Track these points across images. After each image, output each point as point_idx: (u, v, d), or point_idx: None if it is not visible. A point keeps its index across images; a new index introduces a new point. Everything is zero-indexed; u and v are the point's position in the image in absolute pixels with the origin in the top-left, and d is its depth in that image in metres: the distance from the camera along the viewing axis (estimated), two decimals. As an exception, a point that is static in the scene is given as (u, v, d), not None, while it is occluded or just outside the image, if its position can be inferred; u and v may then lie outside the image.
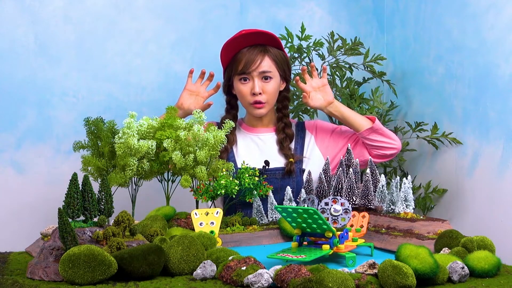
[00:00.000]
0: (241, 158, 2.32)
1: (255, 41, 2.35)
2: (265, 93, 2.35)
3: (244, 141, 2.42)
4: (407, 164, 2.91)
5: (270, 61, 2.35)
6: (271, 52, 2.35)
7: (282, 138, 2.40)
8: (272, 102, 2.39)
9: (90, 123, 2.00)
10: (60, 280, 1.46)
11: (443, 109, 2.69)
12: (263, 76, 2.34)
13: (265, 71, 2.33)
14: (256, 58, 2.33)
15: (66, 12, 2.72)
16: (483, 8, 2.47)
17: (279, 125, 2.42)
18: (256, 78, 2.34)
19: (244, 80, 2.35)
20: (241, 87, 2.36)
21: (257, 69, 2.33)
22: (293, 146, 2.41)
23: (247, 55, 2.33)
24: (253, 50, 2.34)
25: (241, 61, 2.33)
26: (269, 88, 2.35)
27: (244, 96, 2.37)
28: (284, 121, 2.42)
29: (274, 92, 2.37)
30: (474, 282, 1.47)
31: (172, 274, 1.50)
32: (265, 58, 2.34)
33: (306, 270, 1.41)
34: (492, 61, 2.42)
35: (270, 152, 2.38)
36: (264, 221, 2.00)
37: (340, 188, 2.00)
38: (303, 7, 3.06)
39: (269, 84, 2.35)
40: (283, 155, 2.38)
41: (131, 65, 2.81)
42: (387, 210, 1.93)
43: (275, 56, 2.36)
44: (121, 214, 1.56)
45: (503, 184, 2.37)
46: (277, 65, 2.36)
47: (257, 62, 2.32)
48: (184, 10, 2.89)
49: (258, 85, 2.33)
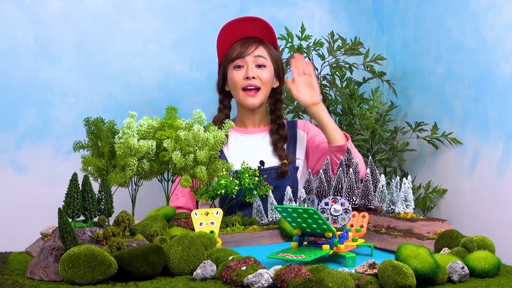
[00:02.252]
0: (232, 159, 2.31)
1: (251, 33, 2.38)
2: (259, 79, 2.35)
3: (235, 142, 2.42)
4: (407, 164, 2.91)
5: (265, 51, 2.37)
6: (266, 45, 2.40)
7: (276, 139, 2.40)
8: (265, 92, 2.39)
9: (90, 123, 2.00)
10: (60, 280, 1.46)
11: (443, 109, 2.70)
12: (257, 64, 2.36)
13: (260, 55, 2.35)
14: (251, 45, 2.36)
15: (66, 12, 2.72)
16: (483, 8, 2.47)
17: (273, 126, 2.43)
18: (250, 63, 2.35)
19: (238, 67, 2.37)
20: (234, 73, 2.37)
21: (252, 53, 2.35)
22: (285, 146, 2.42)
23: (242, 43, 2.37)
24: (248, 40, 2.39)
25: (236, 48, 2.37)
26: (263, 76, 2.36)
27: (237, 81, 2.37)
28: (278, 122, 2.43)
29: (267, 81, 2.37)
30: (474, 282, 1.47)
31: (172, 274, 1.50)
32: (260, 46, 2.37)
33: (306, 270, 1.41)
34: (492, 61, 2.42)
35: (262, 153, 2.38)
36: (264, 221, 2.00)
37: (340, 188, 2.00)
38: (303, 7, 3.06)
39: (263, 71, 2.36)
40: (277, 156, 2.39)
41: (131, 65, 2.81)
42: (387, 210, 1.92)
43: (269, 49, 2.40)
44: (121, 214, 1.56)
45: (503, 184, 2.37)
46: (272, 58, 2.38)
47: (252, 48, 2.35)
48: (184, 10, 2.89)
49: (252, 69, 2.34)
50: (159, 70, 2.86)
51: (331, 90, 2.86)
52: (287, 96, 2.75)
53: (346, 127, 2.82)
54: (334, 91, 2.84)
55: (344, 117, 2.84)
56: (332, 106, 2.85)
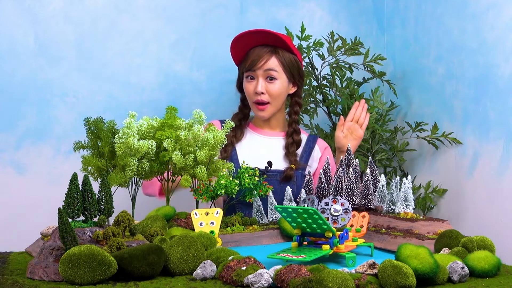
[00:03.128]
0: (243, 157, 2.32)
1: (267, 41, 2.36)
2: (268, 94, 2.36)
3: (250, 140, 2.43)
4: (407, 164, 2.91)
5: (277, 61, 2.35)
6: (280, 53, 2.36)
7: (289, 143, 2.41)
8: (276, 104, 2.39)
9: (90, 123, 2.00)
10: (60, 280, 1.46)
11: (443, 109, 2.70)
12: (267, 76, 2.35)
13: (270, 69, 2.34)
14: (263, 57, 2.34)
15: (66, 12, 2.72)
16: (483, 8, 2.47)
17: (289, 130, 2.43)
18: (260, 77, 2.35)
19: (251, 78, 2.37)
20: (247, 85, 2.39)
21: (262, 67, 2.34)
22: (299, 153, 2.42)
23: (255, 53, 2.36)
24: (262, 49, 2.37)
25: (249, 58, 2.36)
26: (273, 89, 2.36)
27: (249, 94, 2.39)
28: (294, 127, 2.43)
29: (277, 94, 2.37)
30: (474, 282, 1.47)
31: (172, 274, 1.50)
32: (271, 58, 2.35)
33: (306, 270, 1.41)
34: (492, 61, 2.42)
35: (273, 155, 2.38)
36: (264, 221, 2.00)
37: (340, 188, 2.00)
38: (303, 7, 3.06)
39: (273, 85, 2.36)
40: (287, 160, 2.39)
41: (131, 65, 2.81)
42: (387, 210, 1.93)
43: (283, 57, 2.36)
44: (121, 214, 1.56)
45: (503, 184, 2.37)
46: (284, 67, 2.36)
47: (263, 61, 2.34)
48: (184, 10, 2.89)
49: (261, 85, 2.35)
50: (159, 70, 2.86)
51: (331, 90, 2.86)
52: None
53: (346, 127, 2.82)
54: (334, 91, 2.84)
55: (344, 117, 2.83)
56: (332, 106, 2.85)
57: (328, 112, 2.87)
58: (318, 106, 2.86)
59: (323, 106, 2.87)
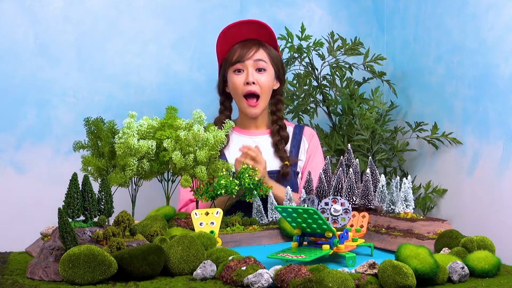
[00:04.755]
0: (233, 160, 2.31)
1: (251, 35, 2.37)
2: (259, 85, 2.35)
3: (237, 144, 2.40)
4: (407, 164, 2.91)
5: (265, 53, 2.37)
6: (266, 46, 2.39)
7: (278, 141, 2.40)
8: (265, 98, 2.39)
9: (90, 123, 2.00)
10: (60, 280, 1.46)
11: (443, 109, 2.70)
12: (257, 68, 2.35)
13: (260, 59, 2.35)
14: (251, 48, 2.35)
15: (66, 12, 2.72)
16: (483, 8, 2.47)
17: (274, 128, 2.42)
18: (250, 67, 2.35)
19: (238, 71, 2.36)
20: (234, 78, 2.37)
21: (252, 57, 2.34)
22: (288, 149, 2.41)
23: (242, 46, 2.37)
24: (248, 43, 2.38)
25: (236, 51, 2.36)
26: (263, 80, 2.35)
27: (238, 87, 2.36)
28: (279, 124, 2.42)
29: (268, 85, 2.37)
30: (474, 282, 1.47)
31: (172, 274, 1.50)
32: (260, 49, 2.37)
33: (306, 270, 1.41)
34: (492, 61, 2.42)
35: (264, 154, 2.37)
36: (264, 221, 2.00)
37: (340, 188, 2.00)
38: (303, 7, 3.06)
39: (263, 75, 2.36)
40: (278, 157, 2.38)
41: (131, 65, 2.81)
42: (387, 210, 1.92)
43: (269, 51, 2.39)
44: (121, 214, 1.56)
45: (503, 184, 2.37)
46: (272, 60, 2.38)
47: (252, 51, 2.35)
48: (184, 10, 2.89)
49: (251, 74, 2.34)
50: (159, 70, 2.86)
51: (331, 90, 2.86)
52: (287, 96, 2.75)
53: (346, 127, 2.82)
54: (334, 91, 2.84)
55: (344, 117, 2.84)
56: (332, 106, 2.85)
57: (328, 112, 2.87)
58: (318, 106, 2.86)
59: (323, 106, 2.87)
